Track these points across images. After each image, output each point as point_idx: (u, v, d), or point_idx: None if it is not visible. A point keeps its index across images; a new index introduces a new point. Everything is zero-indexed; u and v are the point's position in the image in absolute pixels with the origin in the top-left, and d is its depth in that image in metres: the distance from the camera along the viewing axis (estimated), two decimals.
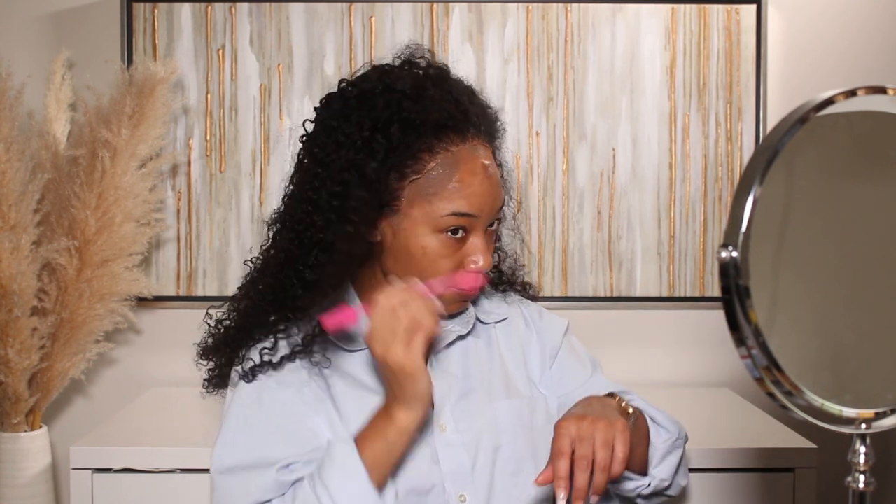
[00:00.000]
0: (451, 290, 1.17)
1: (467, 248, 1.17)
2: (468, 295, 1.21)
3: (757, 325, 0.69)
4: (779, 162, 0.70)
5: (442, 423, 1.21)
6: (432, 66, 1.21)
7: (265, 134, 2.05)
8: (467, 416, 1.22)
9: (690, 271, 2.09)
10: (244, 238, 2.06)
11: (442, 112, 1.14)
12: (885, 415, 0.75)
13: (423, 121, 1.14)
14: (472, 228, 1.17)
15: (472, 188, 1.14)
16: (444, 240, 1.15)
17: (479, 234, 1.17)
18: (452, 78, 1.21)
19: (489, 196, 1.16)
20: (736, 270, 0.69)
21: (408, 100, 1.15)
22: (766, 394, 0.72)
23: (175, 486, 1.64)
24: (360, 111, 1.16)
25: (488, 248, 1.19)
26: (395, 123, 1.13)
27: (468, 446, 1.20)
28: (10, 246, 1.79)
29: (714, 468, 1.64)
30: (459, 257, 1.17)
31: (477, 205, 1.15)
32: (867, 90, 0.73)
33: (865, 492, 0.76)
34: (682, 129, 2.07)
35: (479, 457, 1.20)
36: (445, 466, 1.19)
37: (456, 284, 1.17)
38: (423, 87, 1.16)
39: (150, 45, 2.03)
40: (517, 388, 1.27)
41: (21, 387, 1.86)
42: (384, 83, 1.17)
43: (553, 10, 2.05)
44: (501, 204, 1.20)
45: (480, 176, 1.15)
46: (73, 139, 1.94)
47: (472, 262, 1.17)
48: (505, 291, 1.36)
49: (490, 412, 1.23)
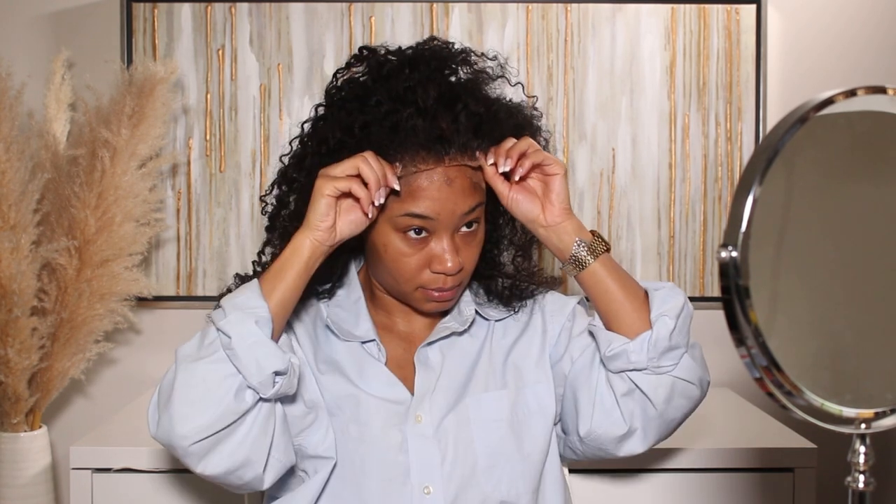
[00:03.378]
0: (419, 289, 1.21)
1: (431, 249, 1.19)
2: (434, 297, 1.22)
3: (757, 325, 0.69)
4: (779, 162, 0.70)
5: (418, 413, 1.22)
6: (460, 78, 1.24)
7: (265, 134, 2.05)
8: (444, 410, 1.23)
9: (690, 271, 2.09)
10: (244, 238, 2.06)
11: (430, 137, 1.16)
12: (885, 415, 0.75)
13: (405, 138, 1.16)
14: (434, 230, 1.19)
15: (429, 192, 1.16)
16: (405, 238, 1.19)
17: (443, 237, 1.19)
18: (460, 96, 1.21)
19: (448, 201, 1.17)
20: (736, 270, 0.68)
21: (415, 116, 1.17)
22: (766, 394, 0.72)
23: (175, 486, 1.64)
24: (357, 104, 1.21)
25: (457, 251, 1.19)
26: (385, 127, 1.17)
27: (441, 440, 1.22)
28: (10, 246, 1.79)
29: (714, 468, 1.64)
30: (425, 257, 1.20)
31: (433, 208, 1.17)
32: (867, 90, 0.73)
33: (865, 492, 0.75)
34: (682, 129, 2.07)
35: (449, 451, 1.21)
36: (413, 456, 1.20)
37: (423, 284, 1.20)
38: (431, 106, 1.18)
39: (150, 45, 2.03)
40: (504, 380, 1.27)
41: (21, 387, 1.86)
42: (407, 85, 1.18)
43: (553, 10, 2.05)
44: (469, 210, 1.19)
45: (438, 182, 1.17)
46: (72, 139, 1.94)
47: (436, 264, 1.19)
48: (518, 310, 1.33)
49: (470, 407, 1.24)
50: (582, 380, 1.25)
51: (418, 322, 1.31)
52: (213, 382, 1.09)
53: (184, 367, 1.11)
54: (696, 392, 1.24)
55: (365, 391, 1.23)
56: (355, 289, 1.30)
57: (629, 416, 1.22)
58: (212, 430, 1.09)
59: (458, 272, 1.20)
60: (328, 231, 1.15)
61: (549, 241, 1.23)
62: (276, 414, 1.15)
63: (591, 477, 1.63)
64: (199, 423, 1.09)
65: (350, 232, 1.17)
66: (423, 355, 1.27)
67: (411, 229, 1.18)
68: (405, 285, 1.22)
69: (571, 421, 1.27)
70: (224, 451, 1.11)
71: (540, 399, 1.28)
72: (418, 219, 1.17)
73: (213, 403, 1.09)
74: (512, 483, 1.23)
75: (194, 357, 1.12)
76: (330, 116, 1.24)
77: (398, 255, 1.19)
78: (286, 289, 1.15)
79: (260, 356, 1.09)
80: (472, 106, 1.19)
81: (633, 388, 1.21)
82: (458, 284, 1.23)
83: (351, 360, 1.25)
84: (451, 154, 1.17)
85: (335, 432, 1.21)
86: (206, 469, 1.11)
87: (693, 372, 1.22)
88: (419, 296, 1.23)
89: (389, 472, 1.20)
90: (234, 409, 1.09)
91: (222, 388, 1.09)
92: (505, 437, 1.24)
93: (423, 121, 1.16)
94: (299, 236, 1.16)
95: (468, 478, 1.21)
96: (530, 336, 1.31)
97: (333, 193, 1.14)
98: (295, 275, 1.15)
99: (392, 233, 1.19)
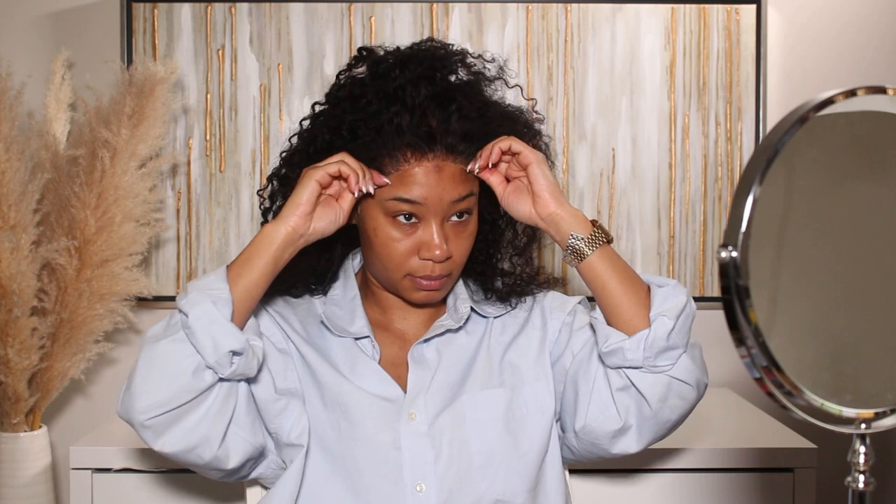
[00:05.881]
0: (408, 277, 1.22)
1: (420, 235, 1.21)
2: (422, 285, 1.23)
3: (757, 325, 0.69)
4: (779, 162, 0.70)
5: (413, 411, 1.22)
6: (458, 80, 1.25)
7: (265, 134, 2.05)
8: (440, 408, 1.23)
9: (690, 271, 2.09)
10: (244, 238, 2.06)
11: (416, 133, 1.18)
12: (885, 415, 0.75)
13: (389, 138, 1.18)
14: (423, 217, 1.20)
15: (417, 178, 1.18)
16: (394, 223, 1.21)
17: (431, 223, 1.20)
18: (455, 97, 1.22)
19: (436, 187, 1.19)
20: (736, 270, 0.69)
21: (405, 113, 1.19)
22: (765, 394, 0.72)
23: (175, 486, 1.64)
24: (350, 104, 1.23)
25: (446, 239, 1.21)
26: (369, 128, 1.20)
27: (435, 437, 1.22)
28: (10, 246, 1.79)
29: (714, 468, 1.64)
30: (414, 244, 1.21)
31: (421, 194, 1.18)
32: (867, 90, 0.73)
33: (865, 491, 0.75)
34: (682, 129, 2.07)
35: (444, 449, 1.21)
36: (406, 454, 1.20)
37: (412, 271, 1.22)
38: (420, 104, 1.19)
39: (150, 45, 2.03)
40: (501, 378, 1.27)
41: (21, 387, 1.86)
42: (397, 84, 1.20)
43: (553, 10, 2.05)
44: (459, 198, 1.20)
45: (427, 168, 1.18)
46: (72, 139, 1.94)
47: (424, 250, 1.21)
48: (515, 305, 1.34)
49: (466, 405, 1.24)
50: (581, 373, 1.25)
51: (414, 320, 1.31)
52: (172, 360, 1.12)
53: (148, 347, 1.14)
54: (692, 394, 1.22)
55: (357, 387, 1.23)
56: (352, 286, 1.30)
57: (624, 411, 1.21)
58: (169, 406, 1.11)
59: (445, 260, 1.21)
60: (304, 218, 1.17)
61: (549, 233, 1.24)
62: (240, 394, 1.17)
63: (591, 477, 1.63)
64: (156, 399, 1.11)
65: (324, 228, 1.19)
66: (417, 353, 1.27)
67: (400, 214, 1.20)
68: (394, 272, 1.23)
69: (569, 416, 1.27)
70: (182, 428, 1.12)
71: (538, 397, 1.27)
72: (407, 203, 1.19)
73: (171, 380, 1.11)
74: (507, 482, 1.23)
75: (159, 337, 1.14)
76: (324, 115, 1.26)
77: (388, 240, 1.21)
78: (253, 276, 1.16)
79: (216, 334, 1.11)
80: (466, 109, 1.21)
81: (629, 384, 1.20)
82: (448, 275, 1.23)
83: (344, 356, 1.26)
84: (435, 152, 1.19)
85: (328, 428, 1.22)
86: (164, 447, 1.13)
87: (691, 373, 1.20)
88: (407, 284, 1.23)
89: (382, 469, 1.20)
90: (192, 387, 1.11)
91: (181, 366, 1.11)
92: (500, 435, 1.24)
93: (409, 117, 1.18)
94: (271, 225, 1.18)
95: (462, 476, 1.21)
96: (529, 333, 1.31)
97: (322, 179, 1.16)
98: (263, 263, 1.16)
99: (382, 217, 1.21)
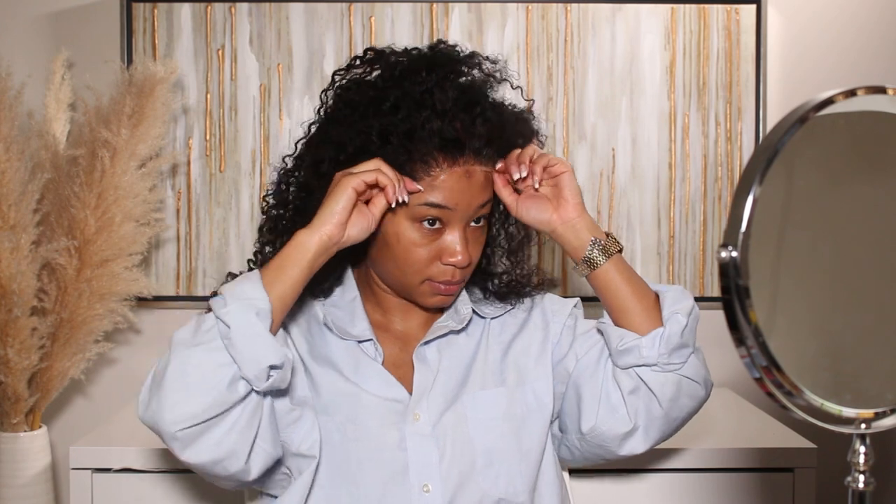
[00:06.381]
0: (426, 282, 1.22)
1: (443, 240, 1.21)
2: (441, 290, 1.23)
3: (757, 325, 0.69)
4: (778, 162, 0.70)
5: (417, 412, 1.23)
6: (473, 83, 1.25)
7: (265, 134, 2.05)
8: (442, 408, 1.24)
9: (690, 271, 2.09)
10: (244, 238, 2.06)
11: (445, 139, 1.17)
12: (885, 415, 0.75)
13: (422, 143, 1.17)
14: (449, 222, 1.20)
15: (447, 183, 1.18)
16: (419, 229, 1.20)
17: (455, 229, 1.20)
18: (479, 101, 1.22)
19: (466, 192, 1.19)
20: (736, 270, 0.68)
21: (435, 118, 1.18)
22: (766, 394, 0.72)
23: (175, 486, 1.64)
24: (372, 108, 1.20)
25: (467, 244, 1.21)
26: (400, 133, 1.18)
27: (439, 438, 1.22)
28: (10, 246, 1.79)
29: (714, 468, 1.64)
30: (435, 249, 1.21)
31: (452, 198, 1.18)
32: (867, 90, 0.73)
33: (865, 491, 0.75)
34: (682, 129, 2.07)
35: (448, 449, 1.22)
36: (412, 455, 1.21)
37: (431, 276, 1.21)
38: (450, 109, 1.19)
39: (150, 45, 2.03)
40: (502, 377, 1.28)
41: (21, 387, 1.86)
42: (424, 88, 1.19)
43: (553, 10, 2.05)
44: (483, 203, 1.21)
45: (458, 174, 1.18)
46: (72, 139, 1.94)
47: (447, 256, 1.20)
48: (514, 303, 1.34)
49: (467, 405, 1.25)
50: (587, 376, 1.26)
51: (415, 321, 1.31)
52: (207, 370, 1.09)
53: (178, 353, 1.11)
54: (701, 392, 1.25)
55: (362, 389, 1.23)
56: (351, 288, 1.30)
57: (634, 413, 1.23)
58: (201, 417, 1.08)
59: (467, 265, 1.22)
60: (339, 227, 1.15)
61: (565, 239, 1.24)
62: (264, 406, 1.14)
63: (591, 477, 1.63)
64: (188, 410, 1.08)
65: (357, 235, 1.18)
66: (421, 354, 1.27)
67: (427, 219, 1.19)
68: (413, 277, 1.22)
69: (572, 418, 1.27)
70: (211, 440, 1.10)
71: (539, 396, 1.28)
72: (436, 208, 1.18)
73: (206, 391, 1.08)
74: (510, 480, 1.23)
75: (190, 343, 1.11)
76: (344, 120, 1.23)
77: (410, 245, 1.20)
78: (287, 284, 1.15)
79: (258, 348, 1.09)
80: (489, 113, 1.21)
81: (640, 384, 1.22)
82: (463, 279, 1.24)
83: (347, 358, 1.26)
84: (465, 156, 1.19)
85: (331, 431, 1.21)
86: (191, 457, 1.11)
87: (699, 371, 1.25)
88: (426, 289, 1.23)
89: (387, 470, 1.20)
90: (226, 399, 1.09)
91: (216, 376, 1.08)
92: (503, 434, 1.24)
93: (440, 122, 1.17)
94: (305, 233, 1.15)
95: (466, 475, 1.22)
96: (530, 333, 1.31)
97: (359, 187, 1.15)
98: (298, 271, 1.15)
99: (406, 222, 1.20)
